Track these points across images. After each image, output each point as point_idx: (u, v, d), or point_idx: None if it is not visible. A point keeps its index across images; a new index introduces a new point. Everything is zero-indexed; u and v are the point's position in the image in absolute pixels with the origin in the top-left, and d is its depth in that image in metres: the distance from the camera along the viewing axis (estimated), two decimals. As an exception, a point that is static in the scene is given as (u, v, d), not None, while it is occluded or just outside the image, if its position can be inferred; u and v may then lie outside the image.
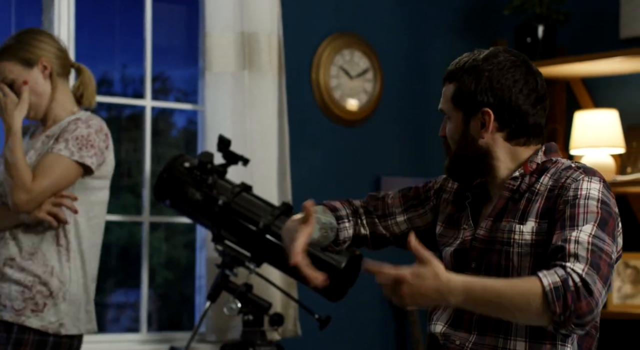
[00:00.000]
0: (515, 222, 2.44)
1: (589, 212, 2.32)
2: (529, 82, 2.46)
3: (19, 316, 3.40)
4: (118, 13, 5.71)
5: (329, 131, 5.00)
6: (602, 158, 4.81)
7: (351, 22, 5.07)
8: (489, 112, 2.47)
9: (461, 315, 2.51)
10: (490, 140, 2.49)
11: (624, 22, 5.02)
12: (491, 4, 5.43)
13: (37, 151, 3.51)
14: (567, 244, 2.28)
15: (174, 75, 6.00)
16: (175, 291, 6.21)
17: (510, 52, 2.51)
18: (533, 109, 2.48)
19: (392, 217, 2.74)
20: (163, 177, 4.08)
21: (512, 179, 2.49)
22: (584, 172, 2.42)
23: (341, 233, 2.74)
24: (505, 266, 2.43)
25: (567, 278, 2.22)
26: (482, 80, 2.46)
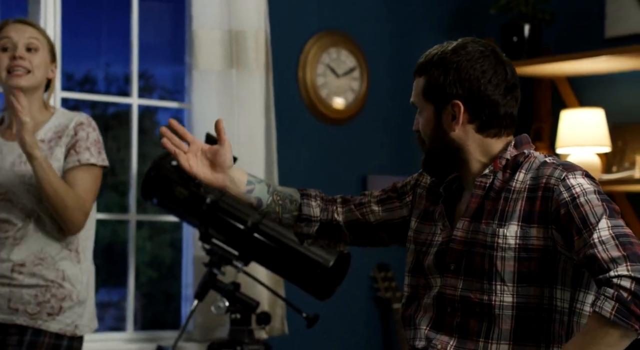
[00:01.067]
0: (497, 224, 2.41)
1: (595, 207, 2.30)
2: (498, 72, 2.44)
3: (35, 320, 3.42)
4: (103, 11, 5.69)
5: (316, 130, 4.99)
6: (588, 157, 4.83)
7: (338, 20, 5.07)
8: (459, 104, 2.44)
9: (442, 318, 2.49)
10: (461, 133, 2.47)
11: (609, 22, 5.04)
12: (477, 3, 5.44)
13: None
14: (596, 250, 2.26)
15: (157, 73, 5.99)
16: (159, 290, 6.20)
17: (479, 42, 2.49)
18: (503, 98, 2.45)
19: (368, 205, 2.73)
20: (150, 176, 4.08)
21: (483, 176, 2.47)
22: (565, 168, 2.39)
23: (304, 208, 2.71)
24: (489, 270, 2.41)
25: (619, 292, 2.19)
26: (450, 72, 2.44)
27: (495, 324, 2.40)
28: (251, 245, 3.99)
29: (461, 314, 2.46)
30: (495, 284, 2.40)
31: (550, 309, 2.39)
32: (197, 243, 4.41)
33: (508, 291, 2.39)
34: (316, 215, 2.73)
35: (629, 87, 5.02)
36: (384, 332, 5.14)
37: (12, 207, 3.44)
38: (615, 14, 5.02)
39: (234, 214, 3.99)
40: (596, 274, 2.26)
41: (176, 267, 5.93)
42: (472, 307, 2.43)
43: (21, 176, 3.44)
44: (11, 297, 3.42)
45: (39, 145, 3.37)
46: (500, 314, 2.40)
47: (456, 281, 2.46)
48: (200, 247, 4.34)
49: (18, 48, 3.47)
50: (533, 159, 2.46)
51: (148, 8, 4.80)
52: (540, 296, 2.39)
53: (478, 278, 2.43)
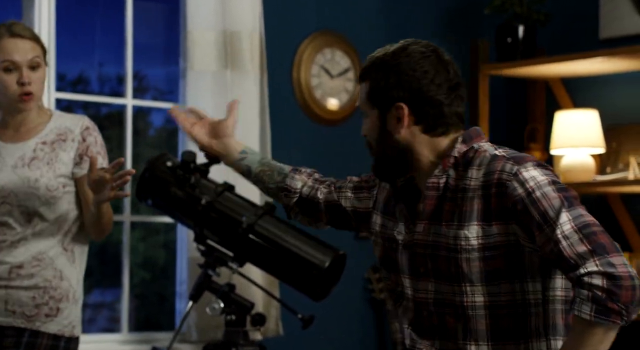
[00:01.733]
0: (457, 226, 2.40)
1: (552, 199, 2.29)
2: (439, 72, 2.43)
3: (33, 322, 3.42)
4: (97, 11, 5.68)
5: (310, 130, 4.99)
6: (582, 158, 4.83)
7: (332, 21, 5.07)
8: (402, 106, 2.44)
9: (421, 321, 2.50)
10: (407, 135, 2.46)
11: (603, 23, 5.05)
12: (472, 4, 5.44)
13: (44, 160, 3.48)
14: (561, 247, 2.26)
15: (150, 73, 5.97)
16: (151, 291, 6.19)
17: (420, 43, 2.48)
18: (447, 98, 2.43)
19: (345, 190, 2.75)
20: (145, 177, 4.05)
21: (434, 177, 2.45)
22: (515, 162, 2.36)
23: (287, 179, 2.85)
24: (455, 272, 2.40)
25: (593, 292, 2.20)
26: (391, 75, 2.44)
27: (471, 325, 2.41)
28: (246, 247, 3.97)
29: (437, 317, 2.46)
30: (465, 285, 2.40)
31: (524, 303, 2.39)
32: (192, 244, 4.40)
33: (478, 292, 2.39)
34: (296, 188, 2.83)
35: (623, 88, 5.03)
36: (378, 332, 5.14)
37: (12, 210, 3.42)
38: (610, 15, 5.02)
39: (229, 215, 3.97)
40: (566, 272, 2.27)
41: (169, 269, 5.91)
42: (446, 309, 2.44)
43: (24, 179, 3.43)
44: (8, 299, 3.41)
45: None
46: (474, 315, 2.40)
47: (427, 284, 2.47)
48: (194, 248, 4.32)
49: (23, 71, 3.42)
50: (483, 153, 2.43)
51: (141, 8, 4.79)
52: (512, 292, 2.38)
53: (446, 281, 2.42)
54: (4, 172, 3.44)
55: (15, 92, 3.42)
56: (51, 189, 3.44)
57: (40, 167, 3.45)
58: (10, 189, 3.42)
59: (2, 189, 3.43)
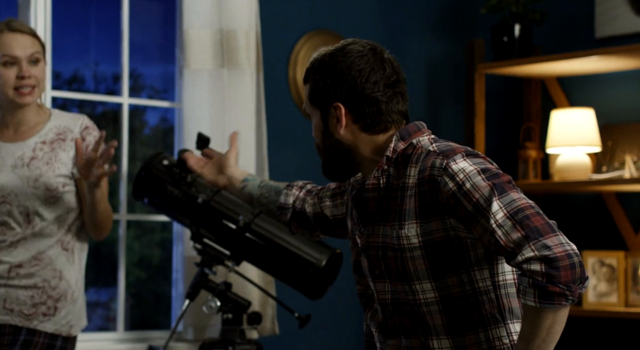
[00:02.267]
0: (399, 224, 2.41)
1: (482, 189, 2.29)
2: (375, 70, 2.43)
3: (30, 321, 3.43)
4: (92, 9, 5.67)
5: (306, 129, 4.98)
6: (579, 157, 4.83)
7: (328, 20, 5.06)
8: (340, 106, 2.45)
9: (385, 322, 2.52)
10: (348, 134, 2.47)
11: (599, 22, 5.05)
12: (468, 3, 5.44)
13: (44, 160, 3.47)
14: (497, 236, 2.25)
15: (145, 72, 5.96)
16: (146, 290, 6.17)
17: (359, 43, 2.49)
18: (384, 95, 2.44)
19: (324, 199, 2.78)
20: (141, 175, 4.06)
21: (373, 179, 2.46)
22: (444, 156, 2.36)
23: (281, 197, 2.85)
24: (403, 272, 2.42)
25: (534, 278, 2.20)
26: (329, 75, 2.46)
27: (428, 321, 2.42)
28: (243, 245, 3.98)
29: (398, 316, 2.47)
30: (414, 283, 2.41)
31: (474, 292, 2.40)
32: (188, 243, 4.40)
33: (428, 288, 2.40)
34: (289, 204, 2.83)
35: (619, 87, 5.03)
36: (374, 332, 5.14)
37: (11, 209, 3.42)
38: (605, 14, 5.03)
39: (225, 213, 3.98)
40: (507, 260, 2.27)
41: (164, 267, 5.90)
42: (404, 308, 2.45)
43: (25, 178, 3.43)
44: (6, 297, 3.41)
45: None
46: (428, 311, 2.41)
47: (384, 285, 2.48)
48: (190, 247, 4.32)
49: (23, 65, 3.42)
50: (420, 150, 2.43)
51: (137, 7, 4.78)
52: (461, 284, 2.39)
53: (398, 280, 2.44)
54: (4, 172, 3.44)
55: (12, 86, 3.42)
56: (51, 189, 3.44)
57: (40, 167, 3.45)
58: (10, 189, 3.42)
59: (1, 188, 3.43)
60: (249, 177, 2.93)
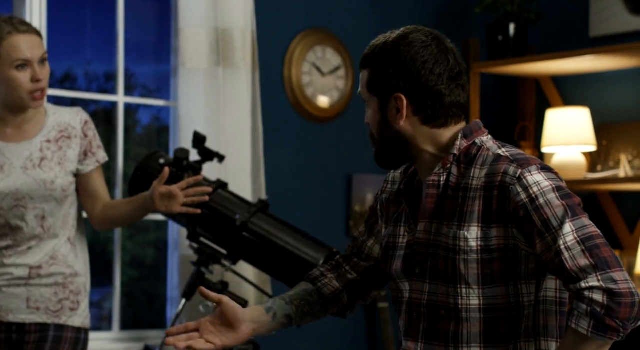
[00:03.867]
0: (458, 225, 2.35)
1: (555, 208, 2.26)
2: (439, 61, 2.37)
3: (59, 317, 3.45)
4: (86, 8, 5.65)
5: (301, 128, 4.98)
6: (574, 156, 4.84)
7: (323, 18, 5.06)
8: (402, 97, 2.37)
9: (410, 322, 2.44)
10: (408, 126, 2.39)
11: (593, 21, 5.05)
12: (463, 3, 5.44)
13: (55, 161, 3.46)
14: (563, 258, 2.23)
15: (138, 71, 5.95)
16: (139, 290, 6.16)
17: (422, 31, 2.41)
18: (447, 88, 2.37)
19: (365, 244, 2.65)
20: (137, 175, 4.05)
21: (434, 175, 2.40)
22: (519, 165, 2.31)
23: (323, 289, 2.62)
24: (452, 273, 2.35)
25: (592, 308, 2.19)
26: (391, 64, 2.37)
27: (464, 328, 2.36)
28: (240, 244, 3.97)
29: (427, 319, 2.40)
30: (460, 287, 2.35)
31: (518, 306, 2.35)
32: (184, 242, 4.39)
33: (474, 294, 2.35)
34: (338, 287, 2.64)
35: (613, 86, 5.04)
36: (369, 331, 5.13)
37: (25, 213, 3.41)
38: (600, 13, 5.03)
39: (222, 212, 3.97)
40: (566, 283, 2.25)
41: (156, 267, 5.89)
42: (439, 311, 2.38)
43: (39, 181, 3.41)
44: (29, 296, 3.42)
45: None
46: (468, 317, 2.35)
47: (422, 285, 2.41)
48: (186, 246, 4.31)
49: (35, 68, 3.37)
50: (486, 152, 2.38)
51: (130, 6, 4.76)
52: (507, 295, 2.35)
53: (443, 281, 2.37)
54: (15, 174, 3.41)
55: (28, 90, 3.37)
56: (65, 189, 3.45)
57: (53, 168, 3.44)
58: (25, 192, 3.40)
59: (16, 192, 3.40)
60: (267, 305, 2.58)
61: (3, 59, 3.35)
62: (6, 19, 3.41)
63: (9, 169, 3.40)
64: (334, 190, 5.06)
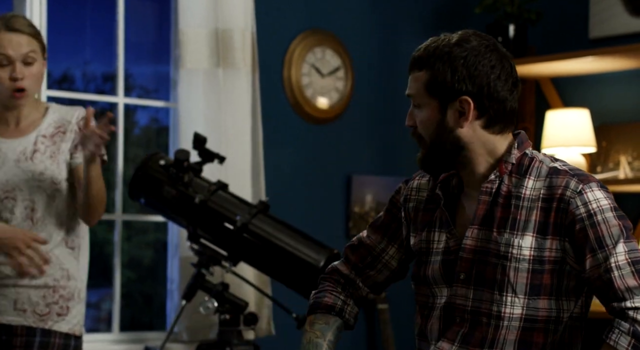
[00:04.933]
0: (510, 233, 2.35)
1: (612, 227, 2.28)
2: (505, 67, 2.36)
3: (45, 321, 3.41)
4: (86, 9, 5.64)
5: (301, 129, 4.97)
6: (574, 157, 4.83)
7: (323, 19, 5.05)
8: (469, 101, 2.35)
9: (449, 327, 2.43)
10: (468, 130, 2.37)
11: (593, 23, 5.05)
12: (462, 3, 5.43)
13: (47, 153, 3.44)
14: (612, 275, 2.26)
15: (136, 72, 5.94)
16: (136, 291, 6.15)
17: (481, 35, 2.39)
18: (510, 94, 2.37)
19: (383, 254, 2.61)
20: (138, 175, 4.04)
21: (489, 182, 2.39)
22: (579, 180, 2.33)
23: (350, 320, 2.63)
24: (501, 280, 2.35)
25: (635, 327, 2.24)
26: (458, 67, 2.34)
27: (501, 335, 2.36)
28: (240, 246, 3.96)
29: (469, 325, 2.40)
30: (507, 295, 2.35)
31: (556, 320, 2.37)
32: (184, 243, 4.37)
33: (518, 303, 2.35)
34: (357, 311, 2.64)
35: (613, 87, 5.04)
36: (368, 332, 5.13)
37: (15, 205, 3.39)
38: (600, 14, 5.03)
39: (223, 214, 3.96)
40: (609, 301, 2.27)
41: (155, 268, 5.87)
42: (480, 317, 2.38)
43: (29, 172, 3.41)
44: (17, 298, 3.39)
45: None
46: (509, 325, 2.36)
47: (466, 291, 2.40)
48: (186, 248, 4.30)
49: (16, 66, 3.37)
50: (539, 164, 2.38)
51: (129, 6, 4.75)
52: (549, 309, 2.36)
53: (489, 288, 2.37)
54: (7, 166, 3.41)
55: (7, 88, 3.39)
56: (56, 182, 3.43)
57: (44, 160, 3.43)
58: (15, 184, 3.40)
59: (6, 183, 3.40)
60: None
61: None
62: (7, 17, 3.42)
63: (2, 162, 3.41)
64: (333, 191, 5.06)
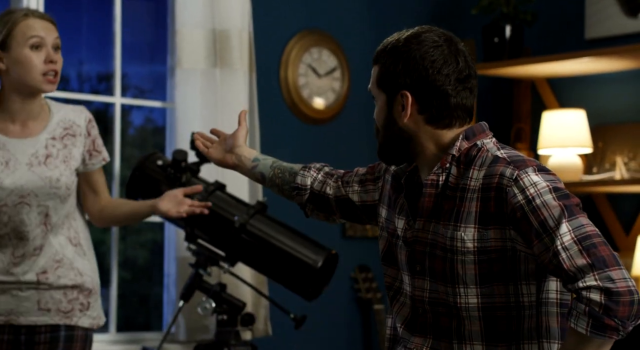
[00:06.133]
0: (454, 226, 2.36)
1: (552, 208, 2.26)
2: (448, 62, 2.37)
3: (70, 318, 3.44)
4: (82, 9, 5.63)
5: (297, 129, 4.97)
6: (570, 158, 4.84)
7: (319, 20, 5.05)
8: (407, 94, 2.39)
9: (416, 318, 2.47)
10: (411, 124, 2.41)
11: (589, 23, 5.06)
12: (458, 4, 5.44)
13: (60, 158, 3.45)
14: (560, 258, 2.23)
15: (130, 72, 5.93)
16: (131, 291, 6.14)
17: (435, 31, 2.42)
18: (454, 89, 2.38)
19: (352, 184, 2.72)
20: (135, 175, 4.03)
21: (433, 174, 2.41)
22: (516, 166, 2.32)
23: (298, 177, 2.80)
24: (451, 274, 2.38)
25: (591, 307, 2.19)
26: (400, 61, 2.39)
27: (465, 325, 2.38)
28: (238, 246, 3.95)
29: (432, 315, 2.43)
30: (458, 286, 2.37)
31: (518, 306, 2.36)
32: (180, 244, 4.37)
33: (472, 293, 2.36)
34: (306, 185, 2.78)
35: (609, 88, 5.04)
36: (365, 332, 5.13)
37: (30, 211, 3.38)
38: (596, 15, 5.04)
39: (221, 214, 3.95)
40: (565, 283, 2.25)
41: (149, 268, 5.87)
42: (441, 308, 2.41)
43: (46, 179, 3.39)
44: (40, 298, 3.41)
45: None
46: (467, 316, 2.37)
47: (423, 282, 2.44)
48: (183, 248, 4.30)
49: (49, 50, 3.34)
50: (485, 153, 2.39)
51: (125, 6, 4.74)
52: (506, 294, 2.36)
53: (441, 280, 2.40)
54: (20, 170, 3.38)
55: (41, 71, 3.32)
56: (69, 188, 3.44)
57: (58, 166, 3.42)
58: (30, 189, 3.37)
59: (21, 188, 3.37)
60: (259, 156, 2.88)
61: (17, 39, 3.32)
62: (22, 9, 3.41)
63: (14, 165, 3.37)
64: (329, 192, 5.05)
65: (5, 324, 3.40)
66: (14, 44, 3.32)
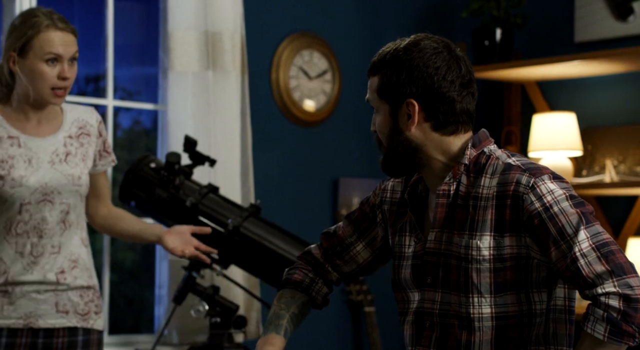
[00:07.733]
0: (469, 235, 2.36)
1: (570, 216, 2.28)
2: (452, 68, 2.37)
3: (87, 320, 3.45)
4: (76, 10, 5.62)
5: (288, 132, 4.97)
6: (560, 161, 4.86)
7: (310, 22, 5.05)
8: (414, 103, 2.39)
9: (421, 333, 2.46)
10: (418, 132, 2.40)
11: (578, 27, 5.08)
12: (449, 7, 5.45)
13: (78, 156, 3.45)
14: (579, 264, 2.25)
15: (118, 74, 5.92)
16: (118, 293, 6.13)
17: (432, 38, 2.42)
18: (459, 95, 2.39)
19: (352, 248, 2.65)
20: (129, 178, 4.03)
21: (444, 184, 2.41)
22: (531, 174, 2.33)
23: (317, 299, 2.69)
24: (465, 283, 2.37)
25: (609, 313, 2.21)
26: (403, 70, 2.38)
27: (476, 336, 2.37)
28: (232, 249, 3.95)
29: (440, 328, 2.42)
30: (472, 296, 2.36)
31: (529, 313, 2.37)
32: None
33: (486, 303, 2.36)
34: (326, 291, 2.71)
35: (599, 91, 5.07)
36: (355, 335, 5.13)
37: (52, 208, 3.38)
38: (585, 19, 5.06)
39: (214, 217, 3.95)
40: (581, 289, 2.26)
41: (137, 271, 5.86)
42: (451, 320, 2.40)
43: (67, 175, 3.39)
44: (58, 301, 3.40)
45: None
46: (481, 326, 2.37)
47: (434, 294, 2.43)
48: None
49: (65, 65, 3.32)
50: (496, 160, 2.40)
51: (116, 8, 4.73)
52: (519, 303, 2.37)
53: (455, 291, 2.39)
54: (43, 168, 3.37)
55: (51, 85, 3.31)
56: (87, 186, 3.44)
57: (78, 164, 3.43)
58: (54, 187, 3.37)
59: (45, 186, 3.36)
60: (283, 331, 2.63)
61: (35, 50, 3.30)
62: (46, 12, 3.35)
63: (37, 163, 3.37)
64: (320, 194, 5.06)
65: (23, 328, 3.38)
66: (31, 54, 3.30)
